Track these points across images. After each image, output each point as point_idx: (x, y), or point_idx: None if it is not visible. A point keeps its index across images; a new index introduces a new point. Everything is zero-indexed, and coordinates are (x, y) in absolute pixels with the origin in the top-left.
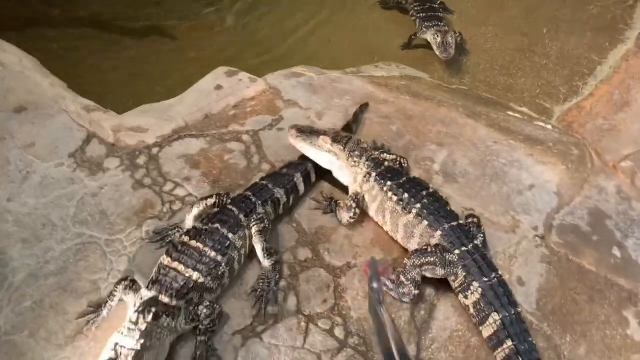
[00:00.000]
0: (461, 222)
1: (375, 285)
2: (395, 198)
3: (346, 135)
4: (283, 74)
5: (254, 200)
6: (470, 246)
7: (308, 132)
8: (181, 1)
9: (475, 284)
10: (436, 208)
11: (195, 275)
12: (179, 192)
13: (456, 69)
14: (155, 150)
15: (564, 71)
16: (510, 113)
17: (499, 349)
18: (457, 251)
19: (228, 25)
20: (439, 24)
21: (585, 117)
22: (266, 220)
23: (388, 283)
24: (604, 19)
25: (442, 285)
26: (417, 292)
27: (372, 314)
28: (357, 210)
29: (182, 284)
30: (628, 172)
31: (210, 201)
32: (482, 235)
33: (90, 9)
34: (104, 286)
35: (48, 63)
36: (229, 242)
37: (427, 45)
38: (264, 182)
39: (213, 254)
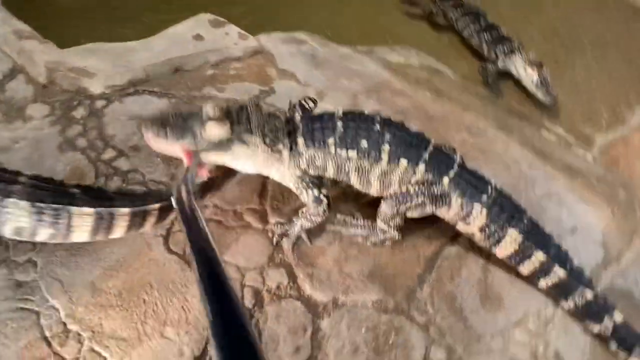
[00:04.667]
0: (433, 143)
1: (189, 177)
2: (353, 153)
3: (232, 107)
4: (281, 36)
5: None
6: (456, 167)
7: (180, 120)
8: None
9: (477, 205)
10: (404, 138)
11: None
12: (121, 164)
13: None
14: (99, 104)
15: (608, 94)
16: (545, 133)
17: (526, 262)
18: (445, 178)
19: None
20: (513, 46)
21: (635, 153)
22: None
23: (358, 230)
24: None
25: None
26: (400, 235)
27: (178, 205)
28: (324, 192)
29: None
30: None
31: None
32: (457, 155)
33: None
34: None
35: None
36: None
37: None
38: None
39: None
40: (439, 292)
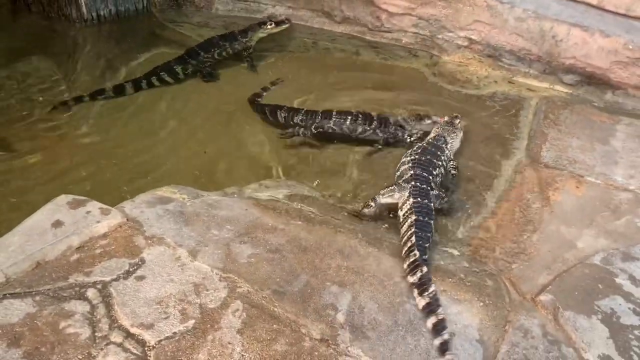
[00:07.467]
0: None
1: None
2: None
3: None
4: (146, 199)
5: None
6: None
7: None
8: (23, 104)
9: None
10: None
11: None
12: None
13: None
14: None
15: (463, 185)
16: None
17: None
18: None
19: (82, 134)
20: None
21: (492, 239)
22: None
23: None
24: (491, 128)
25: None
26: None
27: None
28: None
29: None
30: (549, 308)
31: None
32: None
33: None
34: None
35: None
36: None
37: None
38: None
39: None
40: None
